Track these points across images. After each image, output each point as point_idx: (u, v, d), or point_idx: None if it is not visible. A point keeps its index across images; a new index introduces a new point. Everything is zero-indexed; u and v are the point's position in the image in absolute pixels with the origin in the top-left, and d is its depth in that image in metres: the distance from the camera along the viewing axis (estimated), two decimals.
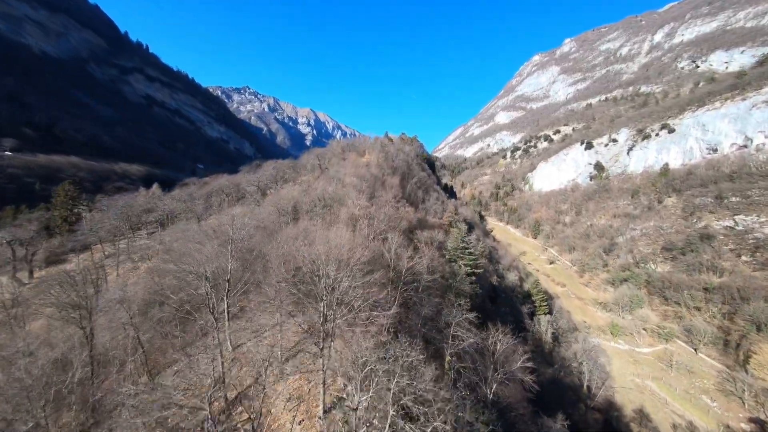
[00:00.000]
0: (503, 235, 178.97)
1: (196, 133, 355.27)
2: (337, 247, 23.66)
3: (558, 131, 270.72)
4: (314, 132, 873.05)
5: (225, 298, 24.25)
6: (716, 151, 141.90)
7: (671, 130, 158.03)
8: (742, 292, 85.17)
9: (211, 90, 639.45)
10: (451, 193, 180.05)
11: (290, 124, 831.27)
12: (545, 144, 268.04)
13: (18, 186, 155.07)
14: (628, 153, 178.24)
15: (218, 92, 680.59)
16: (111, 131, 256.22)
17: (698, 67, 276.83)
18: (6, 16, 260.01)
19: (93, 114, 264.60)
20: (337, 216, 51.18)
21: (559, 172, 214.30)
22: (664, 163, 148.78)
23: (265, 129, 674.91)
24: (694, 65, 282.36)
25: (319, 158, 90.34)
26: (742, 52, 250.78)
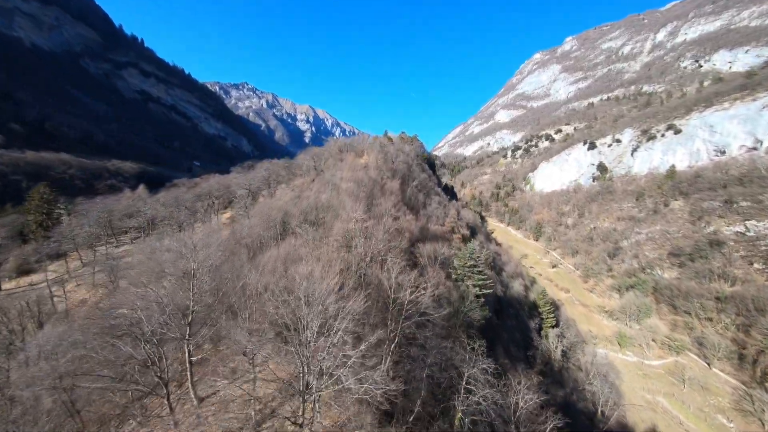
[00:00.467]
0: (504, 237, 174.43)
1: (192, 129, 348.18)
2: (321, 296, 18.62)
3: (559, 130, 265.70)
4: (313, 129, 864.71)
5: (187, 351, 19.29)
6: (724, 153, 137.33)
7: (677, 131, 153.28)
8: (757, 302, 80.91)
9: (209, 86, 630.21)
10: (452, 193, 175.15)
11: (289, 120, 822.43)
12: (546, 143, 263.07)
13: (4, 184, 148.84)
14: (632, 154, 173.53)
15: (216, 88, 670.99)
16: (105, 127, 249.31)
17: (701, 66, 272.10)
18: None
19: (86, 110, 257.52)
20: (331, 227, 46.19)
21: (561, 173, 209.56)
22: (671, 165, 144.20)
23: (263, 126, 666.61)
24: (697, 65, 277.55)
25: (315, 159, 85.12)
26: (747, 51, 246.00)
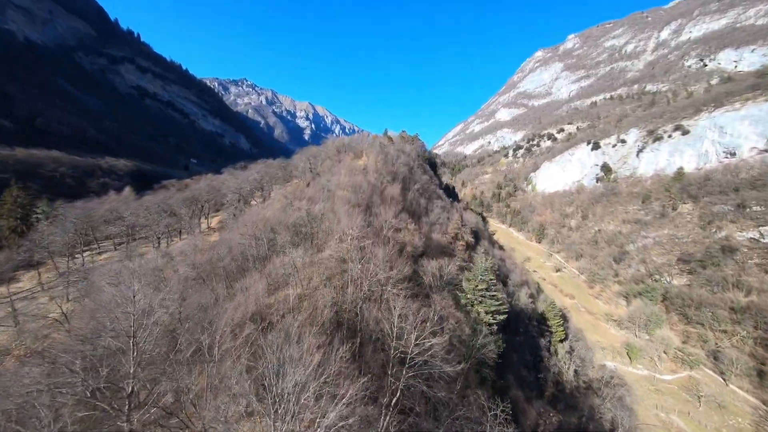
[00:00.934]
0: (506, 238, 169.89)
1: (189, 126, 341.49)
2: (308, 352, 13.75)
3: (562, 130, 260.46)
4: (312, 126, 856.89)
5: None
6: (734, 155, 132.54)
7: (685, 132, 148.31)
8: None
9: (208, 82, 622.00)
10: (452, 194, 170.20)
11: (288, 117, 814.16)
12: (548, 143, 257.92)
13: None
14: (638, 155, 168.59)
15: (215, 84, 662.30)
16: (99, 124, 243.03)
17: (706, 65, 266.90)
18: None
19: (80, 105, 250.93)
20: (324, 245, 41.29)
21: (564, 173, 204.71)
22: (679, 167, 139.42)
23: (262, 122, 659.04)
24: (702, 64, 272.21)
25: (311, 161, 79.93)
26: (753, 50, 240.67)
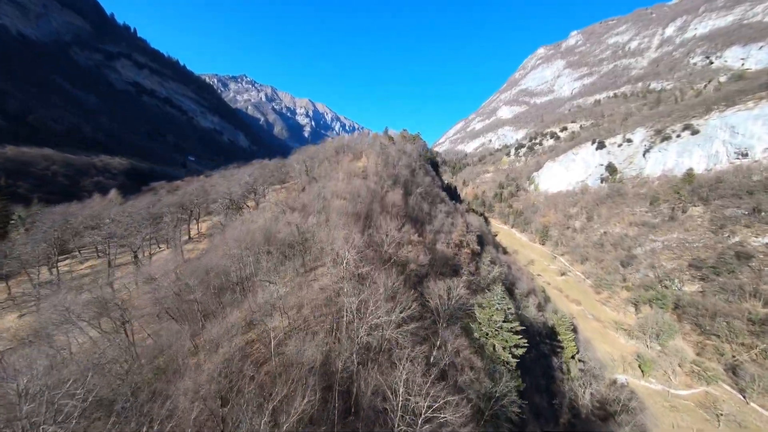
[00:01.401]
0: (509, 240, 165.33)
1: (187, 123, 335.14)
2: None
3: (565, 128, 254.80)
4: (312, 123, 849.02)
5: None
6: (746, 156, 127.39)
7: (695, 132, 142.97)
8: None
9: (207, 78, 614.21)
10: (454, 194, 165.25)
11: (288, 114, 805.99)
12: (551, 141, 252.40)
13: None
14: (644, 155, 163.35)
15: (214, 80, 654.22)
16: (94, 121, 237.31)
17: (712, 63, 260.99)
18: None
19: (75, 102, 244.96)
20: (319, 257, 36.54)
21: (568, 173, 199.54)
22: (689, 168, 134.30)
23: (262, 119, 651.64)
24: (708, 61, 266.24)
25: (307, 163, 74.84)
26: (761, 48, 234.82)
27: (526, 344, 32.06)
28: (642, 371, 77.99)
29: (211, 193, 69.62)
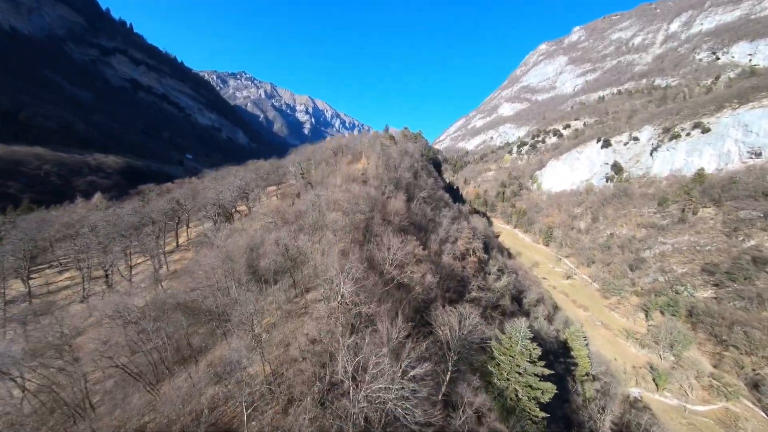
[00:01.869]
0: (512, 241, 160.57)
1: (185, 120, 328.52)
2: None
3: (568, 126, 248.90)
4: (312, 120, 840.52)
5: None
6: (760, 155, 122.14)
7: (705, 130, 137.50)
8: None
9: (206, 75, 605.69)
10: (456, 195, 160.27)
11: (288, 111, 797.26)
12: (554, 139, 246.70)
13: None
14: (652, 154, 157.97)
15: (213, 77, 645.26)
16: (89, 118, 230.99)
17: (718, 59, 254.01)
18: None
19: (69, 98, 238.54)
20: (310, 281, 31.71)
21: (572, 172, 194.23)
22: (699, 168, 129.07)
23: (261, 116, 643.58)
24: (714, 57, 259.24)
25: (303, 165, 69.62)
26: None
27: (555, 390, 27.39)
28: (656, 384, 73.58)
29: (202, 195, 64.52)
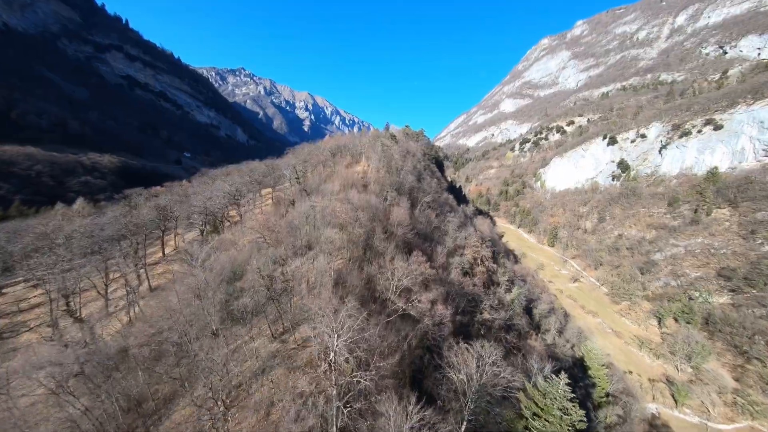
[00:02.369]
0: (515, 241, 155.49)
1: (183, 118, 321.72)
2: None
3: (572, 122, 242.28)
4: (312, 117, 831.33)
5: None
6: None
7: (718, 127, 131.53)
8: None
9: (205, 71, 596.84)
10: (459, 194, 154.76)
11: (287, 108, 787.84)
12: (557, 136, 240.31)
13: None
14: (660, 151, 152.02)
15: (212, 73, 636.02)
16: (83, 115, 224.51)
17: (726, 53, 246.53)
18: None
19: (63, 96, 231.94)
20: (299, 316, 26.77)
21: (576, 170, 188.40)
22: (713, 167, 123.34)
23: (261, 113, 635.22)
24: (722, 51, 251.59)
25: (299, 168, 64.15)
26: None
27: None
28: (675, 400, 68.88)
29: (190, 201, 59.24)
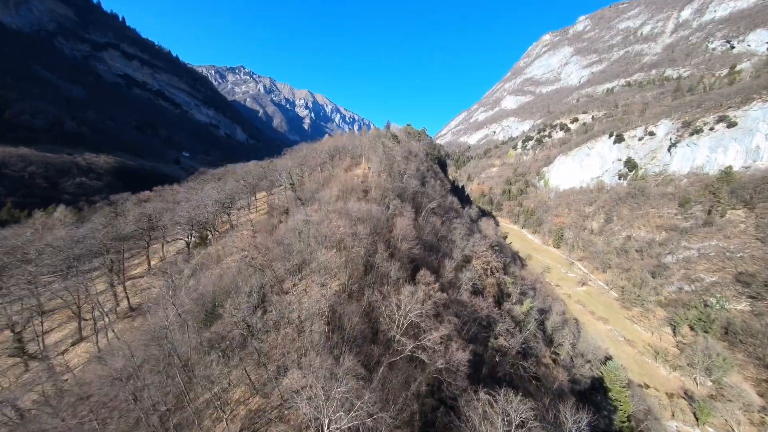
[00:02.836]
0: (519, 242, 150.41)
1: (181, 117, 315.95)
2: None
3: (576, 119, 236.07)
4: (312, 115, 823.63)
5: None
6: None
7: (731, 124, 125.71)
8: None
9: (204, 69, 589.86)
10: (462, 195, 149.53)
11: (287, 106, 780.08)
12: (561, 134, 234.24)
13: None
14: (670, 150, 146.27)
15: (212, 71, 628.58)
16: (80, 115, 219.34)
17: (733, 48, 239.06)
18: None
19: (60, 95, 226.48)
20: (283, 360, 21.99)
21: (581, 168, 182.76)
22: (727, 166, 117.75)
23: (261, 111, 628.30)
24: (729, 46, 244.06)
25: (294, 174, 59.08)
26: None
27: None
28: (696, 418, 64.16)
29: (177, 210, 54.30)
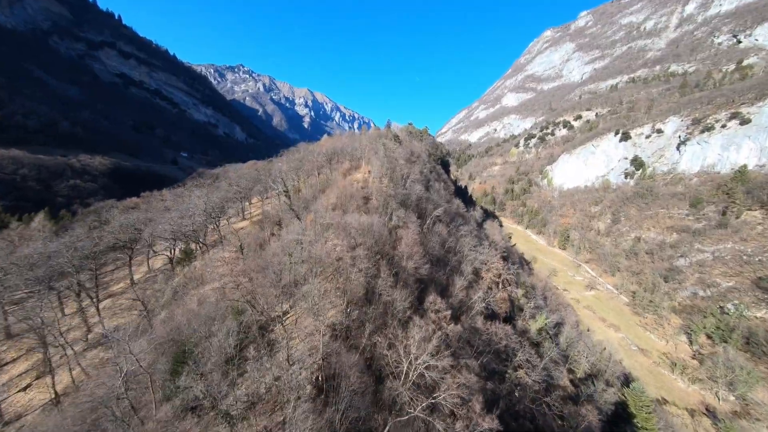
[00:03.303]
0: (524, 243, 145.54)
1: (179, 116, 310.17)
2: None
3: (579, 116, 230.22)
4: (312, 114, 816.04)
5: None
6: None
7: (745, 121, 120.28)
8: None
9: (204, 68, 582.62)
10: (465, 195, 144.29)
11: (287, 105, 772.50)
12: (564, 131, 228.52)
13: None
14: (679, 148, 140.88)
15: (211, 70, 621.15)
16: (76, 115, 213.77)
17: (740, 42, 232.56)
18: None
19: (55, 95, 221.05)
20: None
21: (586, 167, 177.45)
22: (741, 165, 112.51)
23: (260, 110, 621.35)
24: (735, 40, 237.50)
25: (289, 179, 54.16)
26: None
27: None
28: None
29: (158, 222, 49.49)
